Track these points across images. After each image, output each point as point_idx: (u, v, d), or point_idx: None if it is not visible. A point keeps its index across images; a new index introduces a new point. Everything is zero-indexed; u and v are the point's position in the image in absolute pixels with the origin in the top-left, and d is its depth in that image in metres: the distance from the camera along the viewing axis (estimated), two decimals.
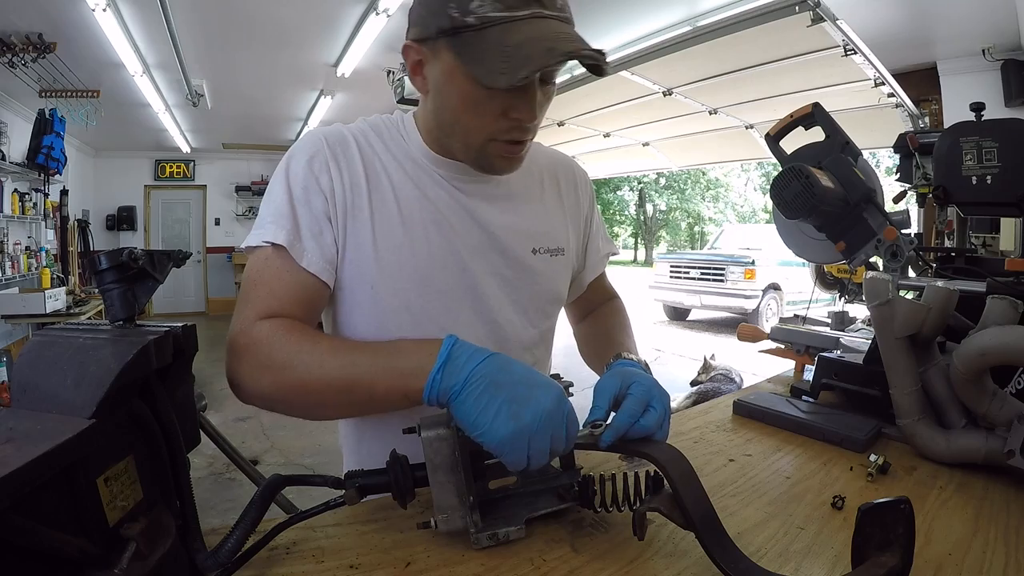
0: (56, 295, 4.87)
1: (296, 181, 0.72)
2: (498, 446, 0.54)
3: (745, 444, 0.89)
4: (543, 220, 0.86)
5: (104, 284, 0.50)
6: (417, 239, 0.75)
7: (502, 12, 0.61)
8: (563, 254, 0.88)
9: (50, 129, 5.60)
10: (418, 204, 0.76)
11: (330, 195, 0.73)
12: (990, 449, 0.76)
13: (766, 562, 0.56)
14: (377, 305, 0.75)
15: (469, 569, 0.55)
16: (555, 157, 0.94)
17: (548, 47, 0.61)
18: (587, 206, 0.95)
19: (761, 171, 16.96)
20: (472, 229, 0.79)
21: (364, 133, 0.78)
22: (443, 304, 0.77)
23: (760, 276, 7.95)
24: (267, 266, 0.71)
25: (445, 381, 0.57)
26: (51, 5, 3.71)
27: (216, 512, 2.72)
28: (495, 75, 0.61)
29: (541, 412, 0.54)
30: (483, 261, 0.79)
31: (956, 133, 1.16)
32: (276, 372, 0.64)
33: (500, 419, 0.54)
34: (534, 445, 0.54)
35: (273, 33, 4.38)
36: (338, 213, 0.73)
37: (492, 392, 0.55)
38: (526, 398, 0.55)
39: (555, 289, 0.89)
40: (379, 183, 0.75)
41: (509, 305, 0.82)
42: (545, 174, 0.90)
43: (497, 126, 0.69)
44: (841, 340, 1.24)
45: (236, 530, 0.52)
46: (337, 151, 0.74)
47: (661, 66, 4.22)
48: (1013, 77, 3.94)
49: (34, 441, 0.35)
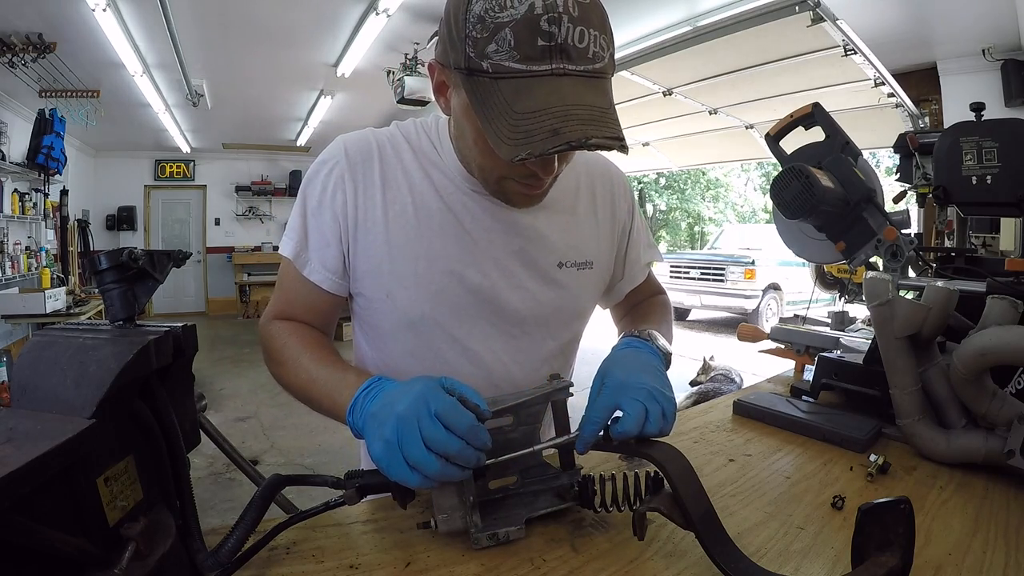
0: (56, 295, 4.87)
1: (312, 195, 0.76)
2: (381, 467, 0.54)
3: (745, 444, 0.89)
4: (572, 233, 0.83)
5: (104, 284, 0.50)
6: (435, 251, 0.75)
7: (518, 64, 0.54)
8: (591, 268, 0.85)
9: (50, 129, 5.60)
10: (439, 215, 0.76)
11: (341, 211, 0.75)
12: (990, 449, 0.76)
13: (766, 562, 0.56)
14: (394, 313, 0.77)
15: (469, 569, 0.55)
16: (594, 163, 0.89)
17: (553, 128, 0.54)
18: (625, 215, 0.91)
19: (761, 171, 16.94)
20: (496, 239, 0.78)
21: (393, 141, 0.78)
22: (460, 315, 0.78)
23: (760, 276, 7.94)
24: (285, 273, 0.79)
25: (356, 421, 0.61)
26: (51, 5, 3.71)
27: (216, 512, 2.72)
28: (499, 141, 0.56)
29: (395, 421, 0.53)
30: (505, 273, 0.79)
31: (956, 133, 1.15)
32: (275, 366, 0.77)
33: (374, 442, 0.54)
34: (410, 455, 0.52)
35: (273, 33, 4.38)
36: (349, 227, 0.75)
37: (372, 421, 0.57)
38: (388, 414, 0.54)
39: (579, 303, 0.87)
40: (398, 194, 0.75)
41: (530, 318, 0.82)
42: (582, 181, 0.86)
43: (512, 171, 0.67)
44: (841, 340, 1.24)
45: (236, 530, 0.52)
46: (356, 163, 0.75)
47: (661, 66, 4.23)
48: (1013, 77, 3.94)
49: (34, 441, 0.35)
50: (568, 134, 0.53)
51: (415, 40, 4.38)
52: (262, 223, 9.95)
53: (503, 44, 0.54)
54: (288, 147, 9.21)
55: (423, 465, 0.51)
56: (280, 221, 10.09)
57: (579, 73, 0.56)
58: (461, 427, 0.52)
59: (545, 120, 0.54)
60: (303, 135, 8.14)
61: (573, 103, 0.55)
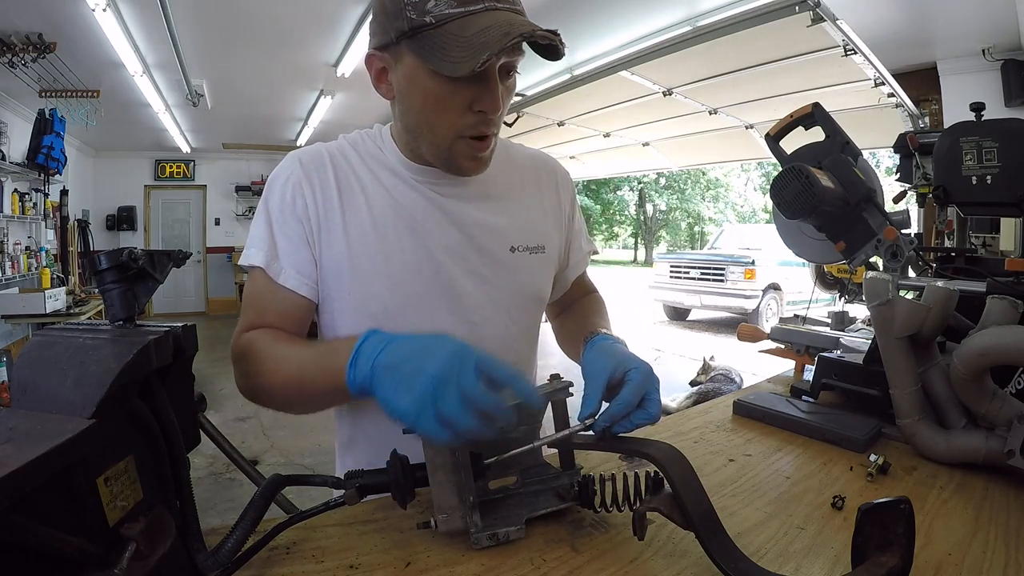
0: (56, 295, 4.87)
1: (274, 205, 0.79)
2: (406, 421, 0.53)
3: (745, 444, 0.89)
4: (522, 218, 0.87)
5: (104, 284, 0.50)
6: (390, 245, 0.79)
7: (457, 8, 0.65)
8: (543, 252, 0.88)
9: (50, 129, 5.60)
10: (392, 211, 0.80)
11: (303, 215, 0.78)
12: (990, 449, 0.76)
13: (766, 562, 0.56)
14: (357, 311, 0.79)
15: (469, 569, 0.55)
16: (537, 157, 0.95)
17: (504, 31, 0.63)
18: (568, 205, 0.95)
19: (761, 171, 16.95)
20: (447, 230, 0.81)
21: (342, 149, 0.83)
22: (419, 306, 0.80)
23: (760, 276, 7.95)
24: (254, 286, 0.80)
25: (359, 375, 0.58)
26: (51, 5, 3.71)
27: (216, 512, 2.72)
28: (456, 64, 0.64)
29: (429, 376, 0.53)
30: (459, 261, 0.81)
31: (956, 133, 1.15)
32: (252, 377, 0.73)
33: (399, 398, 0.54)
34: (442, 409, 0.52)
35: (273, 33, 4.38)
36: (313, 230, 0.78)
37: (391, 374, 0.56)
38: (417, 369, 0.54)
39: (535, 286, 0.89)
40: (352, 196, 0.80)
41: (488, 304, 0.83)
42: (526, 173, 0.91)
43: (463, 121, 0.71)
44: (841, 340, 1.24)
45: (236, 530, 0.52)
46: (311, 172, 0.79)
47: (661, 66, 4.22)
48: (1013, 77, 3.94)
49: (34, 441, 0.35)
50: (517, 30, 0.63)
51: None
52: None
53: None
54: (288, 147, 9.21)
55: (458, 420, 0.51)
56: None
57: (508, 8, 0.67)
58: (501, 382, 0.55)
59: (493, 31, 0.63)
60: (303, 135, 8.14)
61: (512, 20, 0.65)
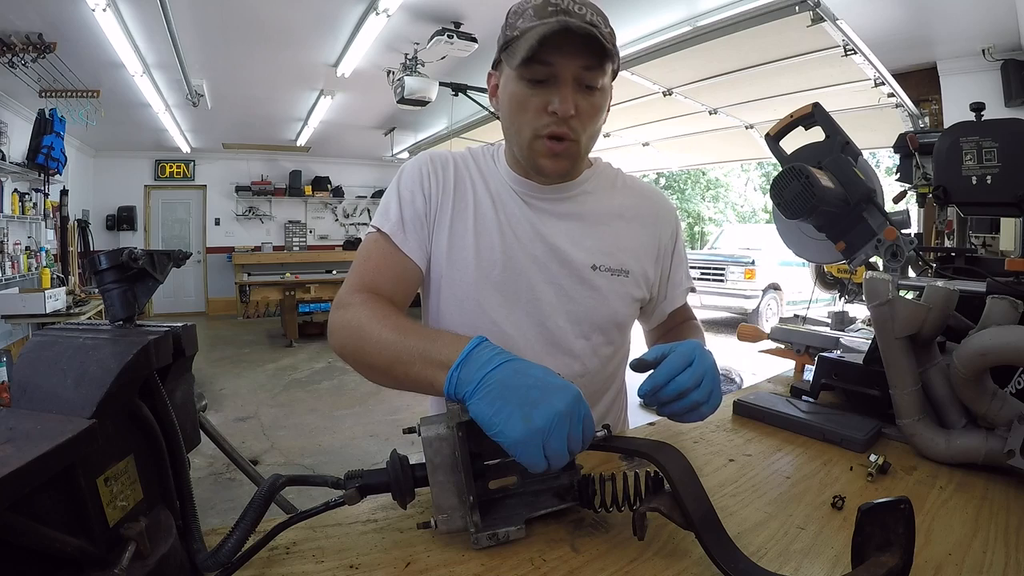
0: (56, 295, 4.86)
1: (405, 185, 0.92)
2: (512, 447, 0.55)
3: (745, 444, 0.89)
4: (609, 242, 0.94)
5: (104, 284, 0.50)
6: (483, 245, 0.90)
7: (535, 21, 0.77)
8: (626, 275, 0.94)
9: (50, 129, 5.60)
10: (492, 216, 0.91)
11: (428, 195, 0.91)
12: (990, 449, 0.76)
13: (766, 562, 0.56)
14: (443, 292, 0.91)
15: (469, 569, 0.55)
16: (643, 189, 1.03)
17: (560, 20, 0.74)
18: (668, 239, 1.01)
19: (761, 171, 16.94)
20: (535, 241, 0.91)
21: (463, 158, 0.97)
22: (499, 300, 0.90)
23: (760, 276, 7.95)
24: (375, 247, 0.89)
25: (462, 380, 0.60)
26: (51, 5, 3.72)
27: (216, 512, 2.72)
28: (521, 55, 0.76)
29: (554, 414, 0.55)
30: (542, 269, 0.91)
31: (956, 133, 1.15)
32: (350, 332, 0.76)
33: (513, 421, 0.55)
34: (550, 447, 0.55)
35: (273, 33, 4.38)
36: (431, 211, 0.91)
37: (505, 395, 0.56)
38: (538, 401, 0.56)
39: (613, 308, 0.94)
40: (463, 197, 0.92)
41: (563, 313, 0.91)
42: (627, 202, 0.98)
43: (540, 122, 0.82)
44: (841, 340, 1.24)
45: (236, 530, 0.52)
46: (437, 167, 0.93)
47: (661, 66, 4.22)
48: (1013, 77, 3.95)
49: (34, 441, 0.35)
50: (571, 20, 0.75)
51: (415, 40, 4.38)
52: (262, 223, 9.96)
53: (525, 16, 0.79)
54: (288, 147, 9.22)
55: (557, 458, 0.56)
56: (280, 221, 10.10)
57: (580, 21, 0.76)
58: (589, 435, 0.59)
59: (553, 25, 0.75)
60: (303, 135, 8.15)
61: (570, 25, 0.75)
